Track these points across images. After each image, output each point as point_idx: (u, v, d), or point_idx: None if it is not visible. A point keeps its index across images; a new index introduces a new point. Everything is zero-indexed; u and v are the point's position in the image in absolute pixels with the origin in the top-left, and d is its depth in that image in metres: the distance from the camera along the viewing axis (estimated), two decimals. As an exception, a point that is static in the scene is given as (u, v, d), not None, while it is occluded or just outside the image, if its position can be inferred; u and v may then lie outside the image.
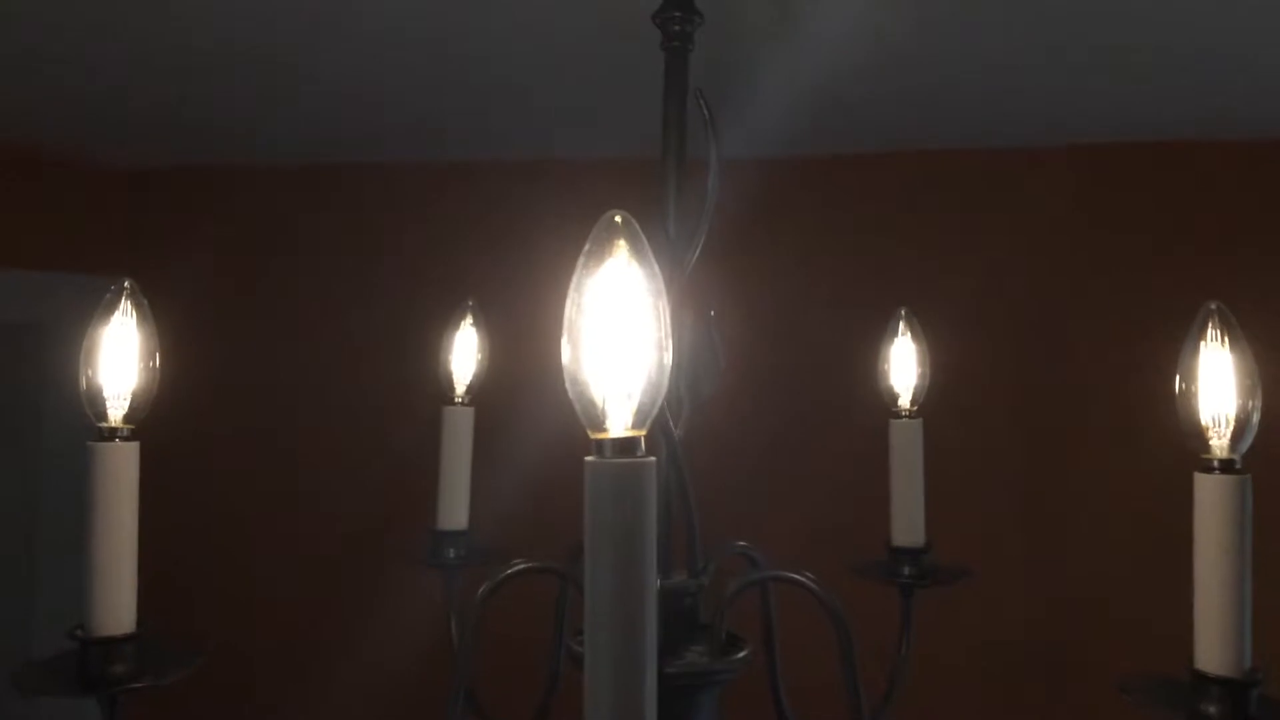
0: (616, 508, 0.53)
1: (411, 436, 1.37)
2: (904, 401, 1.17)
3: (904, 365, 1.18)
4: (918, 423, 1.17)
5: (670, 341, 0.55)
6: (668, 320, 0.55)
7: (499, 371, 1.23)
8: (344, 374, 2.35)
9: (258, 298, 2.45)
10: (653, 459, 0.54)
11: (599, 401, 0.55)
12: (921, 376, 1.17)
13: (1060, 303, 2.05)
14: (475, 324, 1.21)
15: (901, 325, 1.18)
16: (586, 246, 0.56)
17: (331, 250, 2.41)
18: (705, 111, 0.88)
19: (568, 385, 0.55)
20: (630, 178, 1.00)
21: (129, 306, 0.82)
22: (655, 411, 0.55)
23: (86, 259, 2.38)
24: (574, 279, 0.55)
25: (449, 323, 1.21)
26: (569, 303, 0.55)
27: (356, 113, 1.89)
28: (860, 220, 2.14)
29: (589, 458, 0.54)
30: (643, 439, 0.54)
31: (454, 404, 1.19)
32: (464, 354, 1.21)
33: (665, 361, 0.55)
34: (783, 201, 2.06)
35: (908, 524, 1.16)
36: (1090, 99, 1.69)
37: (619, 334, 0.55)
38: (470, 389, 1.20)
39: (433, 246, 2.31)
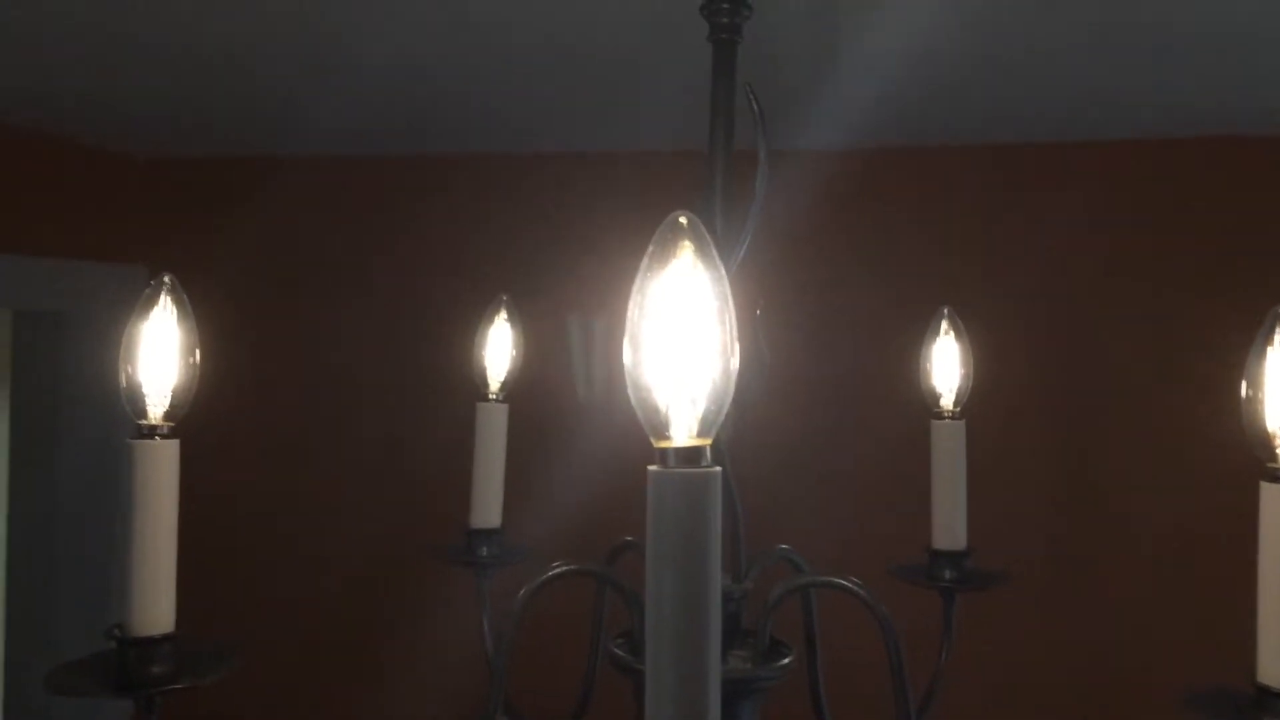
0: (681, 520, 0.51)
1: (447, 433, 1.35)
2: (946, 402, 1.15)
3: (946, 365, 1.15)
4: (960, 424, 1.14)
5: (736, 347, 0.53)
6: (734, 325, 0.53)
7: (536, 367, 1.22)
8: (376, 370, 2.34)
9: (284, 291, 2.43)
10: (718, 469, 0.52)
11: (662, 408, 0.53)
12: (964, 377, 1.15)
13: (1107, 304, 2.02)
14: (510, 319, 1.20)
15: (944, 324, 1.16)
16: (650, 248, 0.54)
17: (364, 244, 2.39)
18: (755, 106, 0.86)
19: (630, 390, 0.53)
20: (675, 172, 0.98)
21: (169, 301, 0.80)
22: (720, 419, 0.53)
23: (108, 247, 2.37)
24: (637, 281, 0.54)
25: (483, 318, 1.20)
26: (632, 305, 0.53)
27: (395, 103, 1.88)
28: (906, 217, 2.12)
29: (652, 467, 0.52)
30: (708, 448, 0.52)
31: (488, 400, 1.18)
32: (498, 349, 1.20)
33: (731, 367, 0.53)
34: (829, 196, 2.02)
35: (949, 527, 1.14)
36: (1139, 90, 1.66)
37: (684, 338, 0.53)
38: (504, 385, 1.19)
39: (469, 240, 2.30)
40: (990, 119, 1.87)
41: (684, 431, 0.53)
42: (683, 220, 0.54)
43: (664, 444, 0.52)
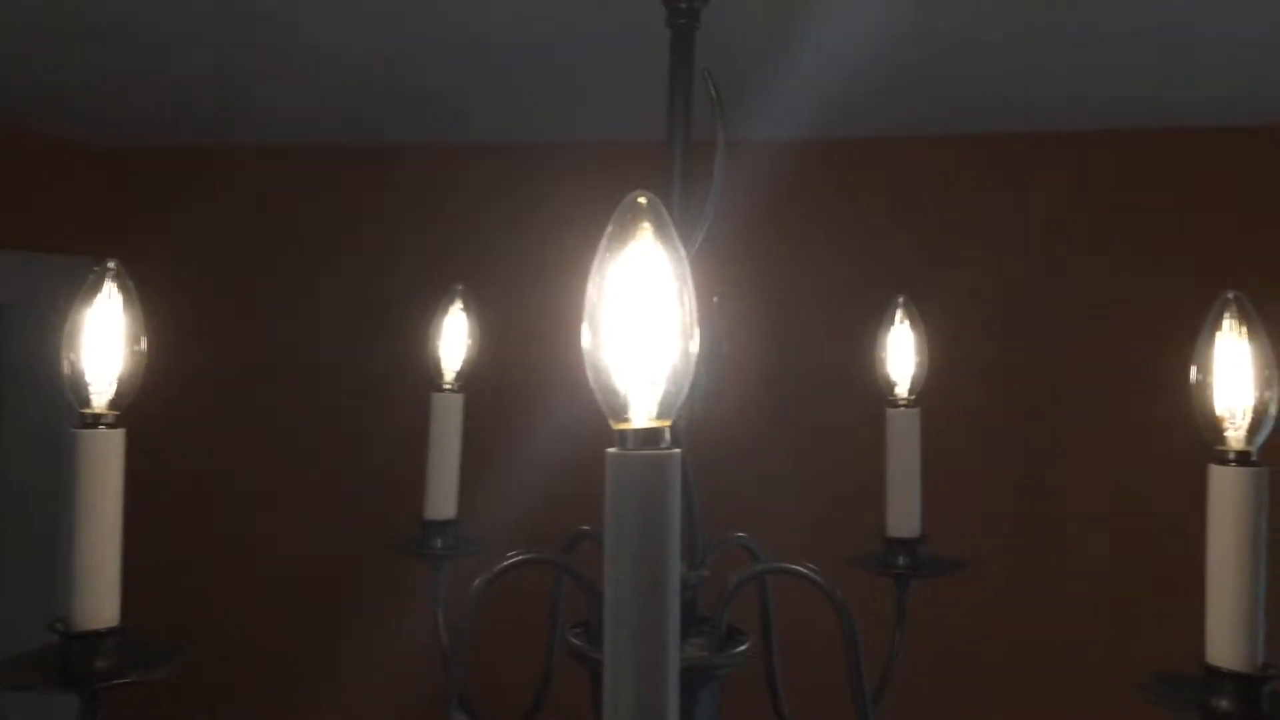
0: (640, 502, 0.51)
1: (402, 424, 1.33)
2: (901, 390, 1.15)
3: (901, 354, 1.16)
4: (915, 412, 1.15)
5: (696, 328, 0.53)
6: (693, 305, 0.53)
7: (496, 358, 1.20)
8: (331, 359, 2.30)
9: (236, 282, 2.39)
10: (678, 451, 0.51)
11: (621, 390, 0.52)
12: (919, 365, 1.15)
13: (1062, 293, 2.04)
14: (466, 309, 1.18)
15: (899, 313, 1.16)
16: (609, 229, 0.53)
17: (318, 234, 2.36)
18: (713, 92, 0.86)
19: (588, 372, 0.52)
20: (633, 163, 0.97)
21: (113, 288, 0.78)
22: (680, 401, 0.52)
23: (57, 238, 2.32)
24: (596, 262, 0.53)
25: (438, 308, 1.18)
26: (590, 286, 0.53)
27: (349, 93, 1.85)
28: (864, 207, 2.12)
29: (611, 449, 0.51)
30: (667, 430, 0.52)
31: (443, 390, 1.16)
32: (453, 340, 1.18)
33: (691, 349, 0.52)
34: (787, 187, 2.01)
35: (903, 514, 1.14)
36: (1093, 83, 1.68)
37: (643, 319, 0.52)
38: (460, 375, 1.17)
39: (425, 230, 2.27)
40: (948, 110, 1.89)
41: (643, 413, 0.52)
42: (642, 200, 0.53)
43: (623, 426, 0.52)
